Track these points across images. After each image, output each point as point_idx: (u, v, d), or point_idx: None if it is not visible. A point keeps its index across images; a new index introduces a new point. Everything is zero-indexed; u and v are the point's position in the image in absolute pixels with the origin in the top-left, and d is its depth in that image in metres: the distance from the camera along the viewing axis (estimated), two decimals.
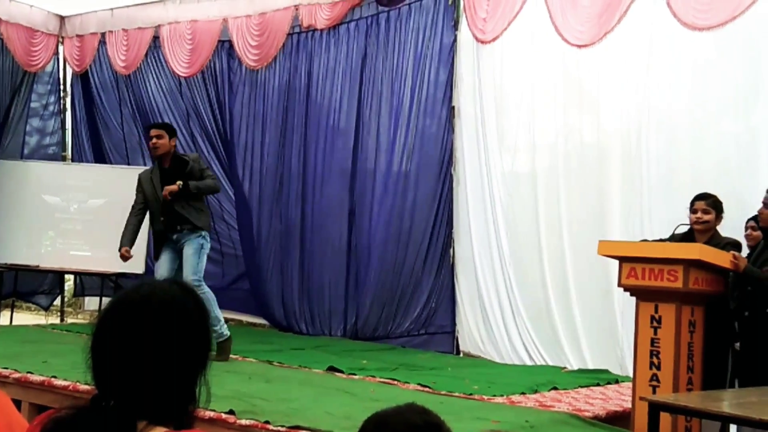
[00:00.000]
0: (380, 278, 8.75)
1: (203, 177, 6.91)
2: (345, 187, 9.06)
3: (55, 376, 5.66)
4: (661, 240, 5.57)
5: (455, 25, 8.40)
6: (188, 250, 6.87)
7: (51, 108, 11.34)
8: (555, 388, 6.26)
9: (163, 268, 6.97)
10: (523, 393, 5.99)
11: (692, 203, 5.50)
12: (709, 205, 5.44)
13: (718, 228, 5.50)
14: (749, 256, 5.34)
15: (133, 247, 9.68)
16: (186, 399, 1.68)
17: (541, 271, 7.78)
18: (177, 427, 1.64)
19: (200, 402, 1.71)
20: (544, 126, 7.87)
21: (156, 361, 1.63)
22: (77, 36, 11.01)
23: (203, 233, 6.93)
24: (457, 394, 5.84)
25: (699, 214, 5.42)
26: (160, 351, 1.64)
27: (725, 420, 4.01)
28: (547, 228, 7.77)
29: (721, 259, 5.05)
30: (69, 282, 11.49)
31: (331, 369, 6.71)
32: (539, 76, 7.86)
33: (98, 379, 1.67)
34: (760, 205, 5.28)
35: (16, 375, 5.82)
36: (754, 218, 5.80)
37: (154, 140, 6.92)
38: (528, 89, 7.93)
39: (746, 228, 5.90)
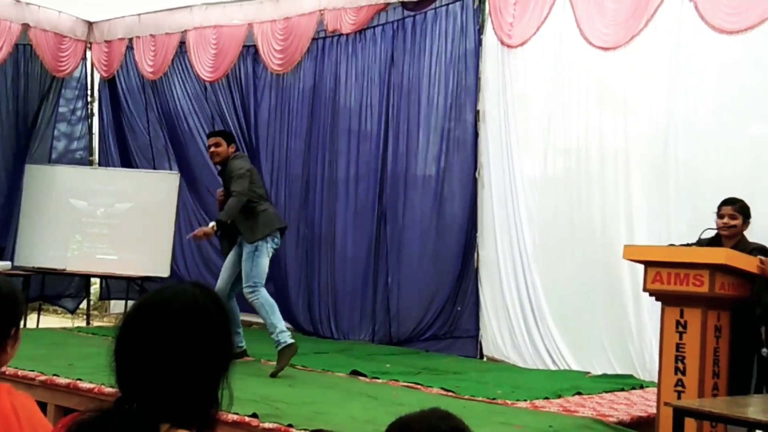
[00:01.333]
0: (406, 282, 8.75)
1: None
2: (370, 191, 9.07)
3: (80, 379, 5.70)
4: (687, 245, 5.53)
5: (480, 29, 8.39)
6: (244, 256, 6.82)
7: (78, 113, 11.44)
8: (579, 393, 6.24)
9: (226, 271, 6.99)
10: (546, 398, 5.98)
11: (719, 208, 5.46)
12: (736, 210, 5.39)
13: (745, 233, 5.45)
14: None
15: (159, 252, 9.83)
16: (208, 402, 1.69)
17: (565, 275, 7.74)
18: (199, 430, 1.65)
19: (222, 405, 1.72)
20: (569, 130, 7.83)
21: (178, 364, 1.65)
22: (105, 42, 11.09)
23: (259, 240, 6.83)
24: (480, 398, 5.83)
25: (726, 219, 5.38)
26: (182, 354, 1.66)
27: (751, 426, 3.97)
28: (571, 232, 7.73)
29: (748, 263, 5.01)
30: (95, 285, 11.56)
31: (354, 373, 6.73)
32: (565, 79, 7.82)
33: (121, 381, 1.68)
34: None
35: (42, 377, 5.87)
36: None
37: (212, 148, 6.98)
38: (553, 93, 7.90)
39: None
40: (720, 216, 5.41)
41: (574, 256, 7.70)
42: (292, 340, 6.60)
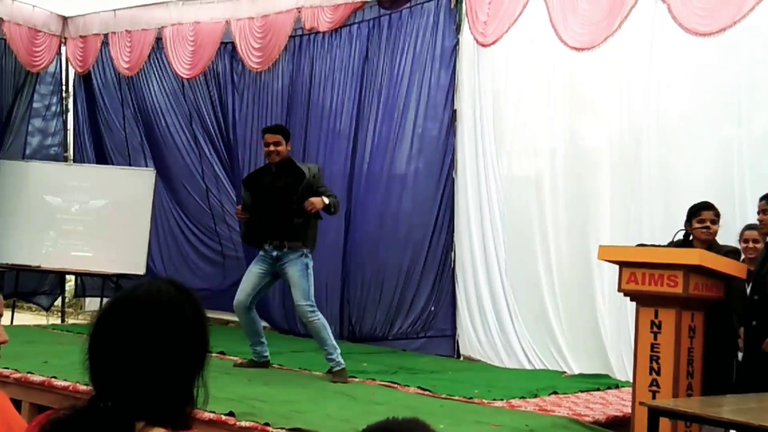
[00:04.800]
0: (380, 281, 8.74)
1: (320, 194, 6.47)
2: (345, 189, 9.05)
3: (55, 377, 5.67)
4: (656, 246, 5.54)
5: (457, 29, 8.40)
6: (293, 273, 6.42)
7: (53, 108, 11.35)
8: (555, 393, 6.26)
9: (248, 284, 6.60)
10: (523, 397, 6.00)
11: (698, 212, 5.40)
12: (715, 214, 5.40)
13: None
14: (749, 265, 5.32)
15: (135, 249, 9.77)
16: (183, 399, 1.68)
17: (540, 275, 7.77)
18: (175, 428, 1.64)
19: (198, 402, 1.71)
20: (542, 130, 7.87)
21: (152, 361, 1.64)
22: (80, 37, 11.01)
23: (305, 251, 6.48)
24: (457, 397, 5.84)
25: (708, 224, 5.36)
26: (156, 351, 1.65)
27: (725, 426, 4.00)
28: (545, 232, 7.77)
29: (722, 264, 5.05)
30: (70, 282, 11.49)
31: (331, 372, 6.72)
32: (539, 79, 7.86)
33: (95, 380, 1.67)
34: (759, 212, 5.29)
35: (17, 375, 5.83)
36: (751, 227, 5.75)
37: (272, 147, 6.47)
38: (527, 93, 7.94)
39: (743, 239, 5.81)
40: (701, 221, 5.38)
41: (549, 255, 7.73)
42: (344, 364, 6.50)
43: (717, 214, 5.41)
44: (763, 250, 5.34)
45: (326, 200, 6.43)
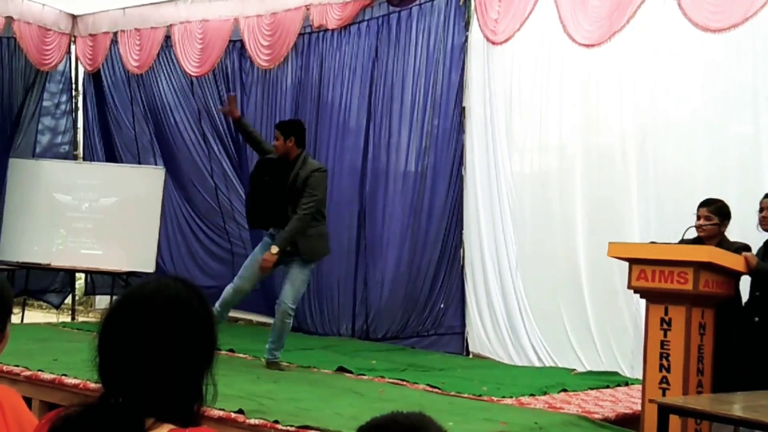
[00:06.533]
0: (390, 278, 8.74)
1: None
2: (355, 187, 9.05)
3: (65, 374, 5.68)
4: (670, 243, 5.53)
5: (466, 26, 8.39)
6: (297, 271, 6.50)
7: (63, 107, 11.37)
8: (564, 390, 6.25)
9: (246, 275, 6.62)
10: (532, 394, 5.99)
11: (697, 209, 5.46)
12: (711, 211, 5.39)
13: (728, 231, 5.46)
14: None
15: (145, 247, 9.79)
16: (192, 396, 1.69)
17: (550, 272, 7.76)
18: (184, 425, 1.64)
19: (207, 399, 1.71)
20: (553, 127, 7.85)
21: (161, 358, 1.65)
22: (90, 35, 11.04)
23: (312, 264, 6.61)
24: (466, 395, 5.84)
25: (701, 221, 5.38)
26: (165, 349, 1.65)
27: (734, 423, 3.99)
28: (555, 229, 7.76)
29: (732, 261, 5.04)
30: (80, 280, 11.53)
31: (341, 369, 6.72)
32: (548, 76, 7.84)
33: (105, 377, 1.68)
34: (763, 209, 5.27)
35: (27, 373, 5.84)
36: None
37: (274, 141, 6.63)
38: (537, 90, 7.92)
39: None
40: (697, 217, 5.42)
41: (559, 252, 7.72)
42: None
43: (715, 210, 5.39)
44: (762, 247, 5.33)
45: (274, 250, 6.36)
